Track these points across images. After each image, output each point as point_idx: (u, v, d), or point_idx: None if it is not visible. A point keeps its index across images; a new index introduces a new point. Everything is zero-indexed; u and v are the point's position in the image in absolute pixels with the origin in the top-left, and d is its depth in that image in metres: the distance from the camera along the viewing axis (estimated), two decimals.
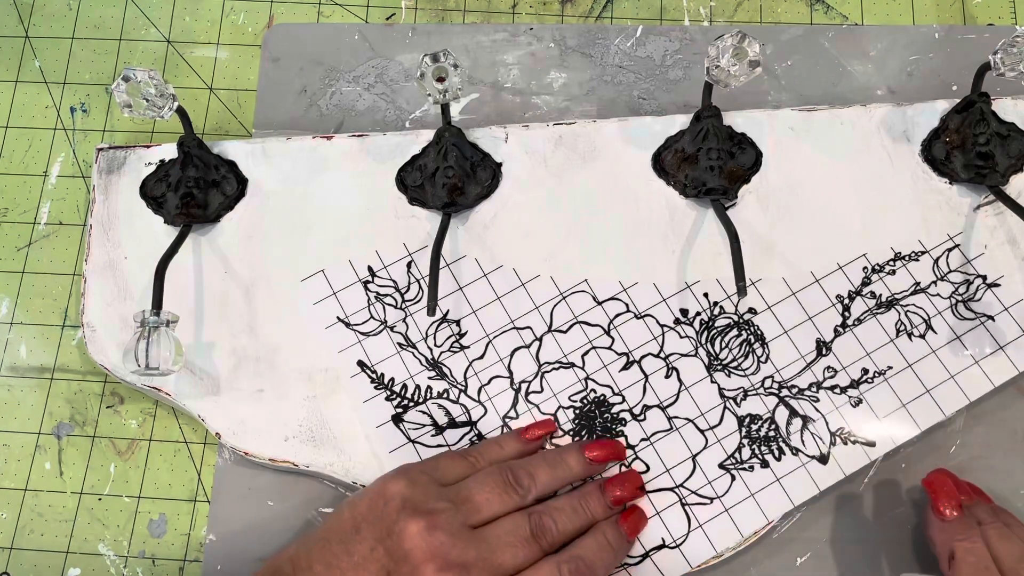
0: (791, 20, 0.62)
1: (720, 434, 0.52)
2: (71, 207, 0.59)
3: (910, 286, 0.54)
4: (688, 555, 0.50)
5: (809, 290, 0.54)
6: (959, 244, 0.55)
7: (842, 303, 0.54)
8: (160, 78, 0.50)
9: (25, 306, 0.58)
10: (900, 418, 0.52)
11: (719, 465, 0.52)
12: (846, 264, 0.55)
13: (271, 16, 0.63)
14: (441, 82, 0.49)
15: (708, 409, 0.53)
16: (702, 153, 0.55)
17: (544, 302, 0.55)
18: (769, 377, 0.53)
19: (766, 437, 0.52)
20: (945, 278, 0.54)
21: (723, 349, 0.54)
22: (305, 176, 0.57)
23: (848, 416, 0.52)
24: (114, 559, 0.54)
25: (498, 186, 0.57)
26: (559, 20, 0.63)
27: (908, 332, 0.53)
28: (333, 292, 0.55)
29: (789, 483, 0.51)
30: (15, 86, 0.62)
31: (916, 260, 0.55)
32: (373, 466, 0.52)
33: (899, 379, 0.53)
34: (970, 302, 0.54)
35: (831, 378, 0.53)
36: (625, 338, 0.54)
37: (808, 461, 0.51)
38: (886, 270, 0.55)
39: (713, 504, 0.51)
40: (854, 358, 0.53)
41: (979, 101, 0.54)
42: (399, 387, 0.53)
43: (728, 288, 0.55)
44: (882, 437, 0.52)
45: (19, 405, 0.56)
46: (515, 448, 0.50)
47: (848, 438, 0.51)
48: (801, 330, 0.54)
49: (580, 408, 0.53)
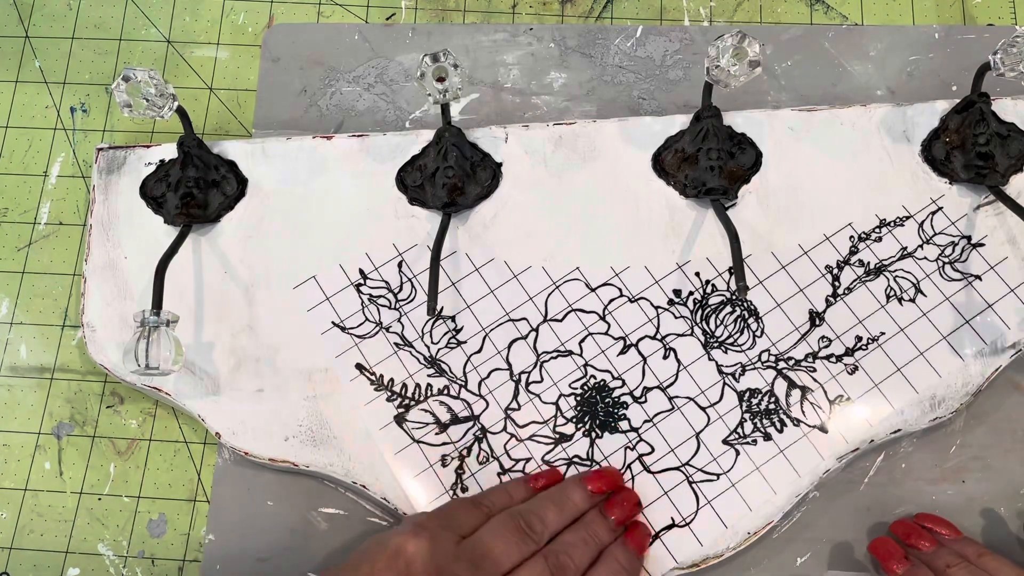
0: (791, 20, 0.62)
1: (721, 410, 0.53)
2: (71, 207, 0.59)
3: (897, 251, 0.55)
4: (698, 533, 0.51)
5: (798, 262, 0.55)
6: (942, 207, 0.55)
7: (831, 273, 0.55)
8: (160, 78, 0.50)
9: (25, 306, 0.58)
10: (897, 382, 0.52)
11: (723, 441, 0.52)
12: (833, 234, 0.55)
13: (271, 16, 0.63)
14: (441, 82, 0.49)
15: (708, 387, 0.53)
16: (702, 153, 0.55)
17: (538, 292, 0.55)
18: (765, 351, 0.53)
19: (767, 410, 0.52)
20: (931, 241, 0.55)
21: (718, 326, 0.54)
22: (305, 176, 0.57)
23: (845, 384, 0.53)
24: (113, 559, 0.54)
25: (498, 186, 0.57)
26: (559, 20, 0.63)
27: (898, 297, 0.54)
28: (326, 297, 0.55)
29: (793, 454, 0.52)
30: (15, 86, 0.62)
31: (901, 225, 0.55)
32: (378, 468, 0.52)
33: (892, 344, 0.53)
34: (956, 263, 0.54)
35: (826, 347, 0.53)
36: (621, 322, 0.54)
37: (810, 431, 0.52)
38: (872, 237, 0.55)
39: (720, 480, 0.51)
40: (847, 326, 0.54)
41: (979, 101, 0.54)
42: (399, 387, 0.54)
43: (718, 266, 0.55)
44: (880, 402, 0.52)
45: (19, 405, 0.56)
46: (523, 496, 0.51)
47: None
48: (793, 302, 0.54)
49: (581, 395, 0.53)
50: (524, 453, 0.52)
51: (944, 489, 0.53)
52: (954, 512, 0.52)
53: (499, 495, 0.50)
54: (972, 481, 0.53)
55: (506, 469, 0.52)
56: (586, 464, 0.52)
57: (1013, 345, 0.53)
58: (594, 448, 0.52)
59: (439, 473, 0.52)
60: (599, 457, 0.52)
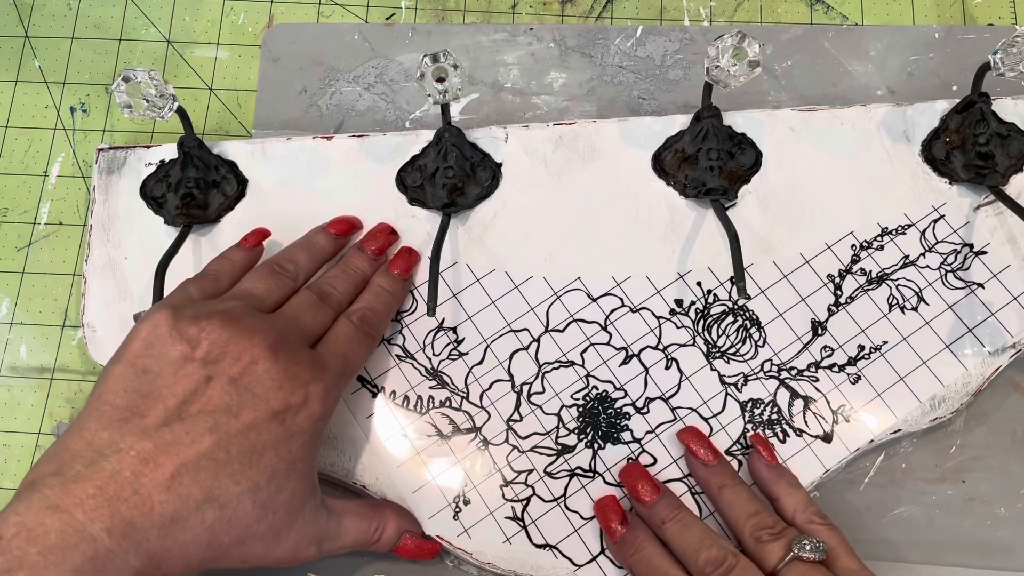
0: (791, 20, 0.62)
1: (724, 421, 0.52)
2: (71, 207, 0.60)
3: (899, 260, 0.55)
4: None
5: (800, 271, 0.55)
6: (944, 215, 0.55)
7: (833, 282, 0.54)
8: (160, 78, 0.50)
9: (25, 306, 0.58)
10: (899, 391, 0.52)
11: (725, 452, 0.52)
12: (834, 243, 0.55)
13: (271, 16, 0.63)
14: (441, 82, 0.49)
15: (710, 397, 0.53)
16: (702, 153, 0.55)
17: (539, 303, 0.55)
18: (768, 361, 0.53)
19: (769, 420, 0.52)
20: (933, 249, 0.55)
21: (720, 336, 0.54)
22: (305, 176, 0.57)
23: (848, 393, 0.52)
24: None
25: (498, 186, 0.57)
26: (559, 20, 0.63)
27: (900, 306, 0.54)
28: None
29: (795, 464, 0.51)
30: (15, 86, 0.62)
31: (903, 233, 0.55)
32: (378, 468, 0.52)
33: (895, 353, 0.53)
34: (959, 271, 0.54)
35: (828, 357, 0.53)
36: (623, 332, 0.54)
37: (812, 441, 0.52)
38: (874, 246, 0.55)
39: None
40: (850, 336, 0.53)
41: (979, 101, 0.54)
42: (400, 399, 0.53)
43: (720, 275, 0.55)
44: (883, 412, 0.52)
45: (19, 405, 0.56)
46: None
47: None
48: (795, 312, 0.54)
49: (583, 405, 0.53)
50: (526, 464, 0.52)
51: (944, 489, 0.53)
52: (954, 512, 0.52)
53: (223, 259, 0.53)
54: (972, 481, 0.53)
55: (509, 481, 0.52)
56: (588, 476, 0.52)
57: (1013, 346, 0.53)
58: (596, 459, 0.52)
59: (440, 484, 0.52)
60: (601, 468, 0.52)
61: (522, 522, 0.51)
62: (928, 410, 0.52)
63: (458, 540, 0.51)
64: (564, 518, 0.51)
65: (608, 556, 0.50)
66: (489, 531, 0.51)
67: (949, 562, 0.51)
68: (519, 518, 0.51)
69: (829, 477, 0.52)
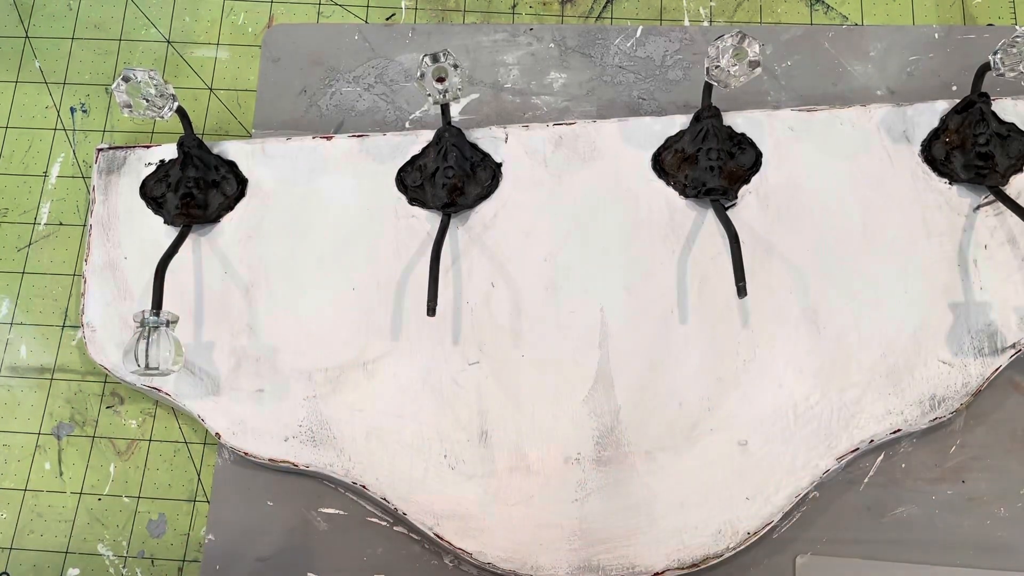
0: (791, 20, 0.62)
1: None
2: (71, 207, 0.60)
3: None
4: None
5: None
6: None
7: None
8: (160, 78, 0.50)
9: (25, 306, 0.58)
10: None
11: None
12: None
13: (271, 16, 0.63)
14: (441, 82, 0.49)
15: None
16: (702, 153, 0.55)
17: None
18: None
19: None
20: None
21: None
22: (305, 176, 0.57)
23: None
24: (113, 559, 0.54)
25: (498, 186, 0.57)
26: (559, 20, 0.63)
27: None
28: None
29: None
30: (15, 86, 0.62)
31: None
32: (378, 468, 0.52)
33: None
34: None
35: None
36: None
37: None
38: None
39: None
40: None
41: (979, 101, 0.54)
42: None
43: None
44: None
45: (19, 405, 0.56)
46: None
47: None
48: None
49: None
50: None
51: (944, 489, 0.53)
52: (954, 512, 0.52)
53: None
54: (972, 481, 0.53)
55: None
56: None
57: (1013, 345, 0.53)
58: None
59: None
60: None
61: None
62: (928, 410, 0.52)
63: (458, 540, 0.51)
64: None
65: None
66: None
67: (949, 562, 0.51)
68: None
69: (829, 477, 0.52)
